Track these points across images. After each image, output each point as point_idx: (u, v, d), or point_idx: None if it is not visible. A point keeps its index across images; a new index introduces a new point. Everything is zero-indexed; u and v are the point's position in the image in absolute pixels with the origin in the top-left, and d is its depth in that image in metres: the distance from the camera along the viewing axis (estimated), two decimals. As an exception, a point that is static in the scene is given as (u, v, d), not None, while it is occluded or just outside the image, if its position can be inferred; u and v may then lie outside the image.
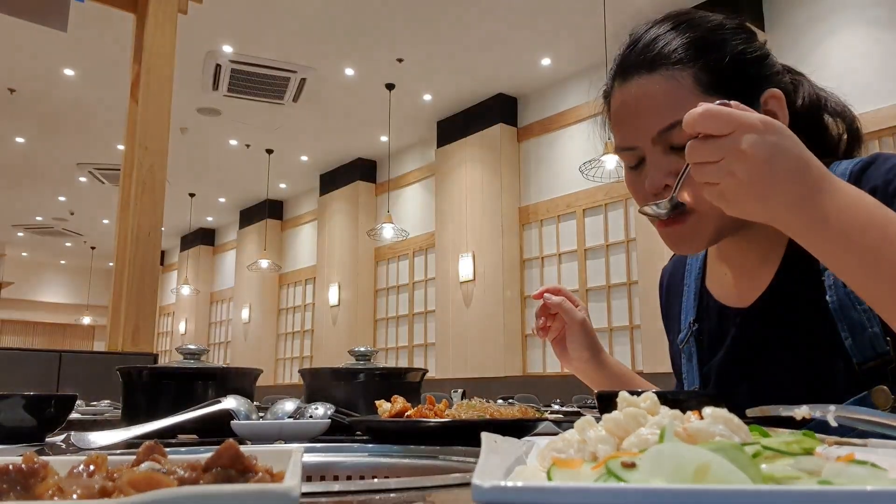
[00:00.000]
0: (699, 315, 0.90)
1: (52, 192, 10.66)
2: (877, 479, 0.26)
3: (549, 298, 1.01)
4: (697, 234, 0.76)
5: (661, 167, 0.75)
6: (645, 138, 0.76)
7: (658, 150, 0.76)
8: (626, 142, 0.79)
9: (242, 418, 0.81)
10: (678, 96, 0.74)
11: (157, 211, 3.32)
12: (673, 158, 0.75)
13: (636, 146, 0.78)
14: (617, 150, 0.81)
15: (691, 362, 0.90)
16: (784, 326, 0.79)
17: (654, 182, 0.76)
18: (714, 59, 0.75)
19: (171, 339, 13.26)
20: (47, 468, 0.29)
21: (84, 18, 5.28)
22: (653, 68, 0.76)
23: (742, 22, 0.81)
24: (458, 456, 0.66)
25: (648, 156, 0.77)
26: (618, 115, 0.80)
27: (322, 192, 9.64)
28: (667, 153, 0.75)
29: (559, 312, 1.01)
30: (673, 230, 0.76)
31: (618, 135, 0.80)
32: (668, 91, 0.75)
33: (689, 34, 0.77)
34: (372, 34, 6.12)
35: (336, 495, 0.39)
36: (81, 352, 3.75)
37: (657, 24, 0.79)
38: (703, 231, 0.76)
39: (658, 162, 0.76)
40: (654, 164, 0.76)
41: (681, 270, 0.97)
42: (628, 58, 0.79)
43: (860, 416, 0.42)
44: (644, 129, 0.76)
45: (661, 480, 0.25)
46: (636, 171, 0.80)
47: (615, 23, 5.68)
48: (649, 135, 0.76)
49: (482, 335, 6.91)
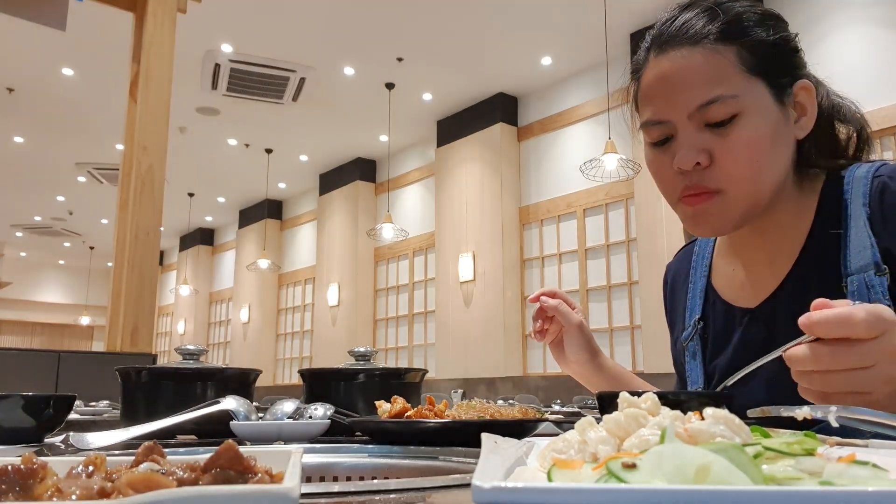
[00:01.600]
0: (704, 313, 0.90)
1: (51, 192, 10.65)
2: (878, 479, 0.26)
3: (546, 302, 1.00)
4: (723, 214, 0.75)
5: (693, 144, 0.74)
6: (681, 112, 0.75)
7: (692, 127, 0.74)
8: (659, 115, 0.77)
9: (242, 419, 0.81)
10: (721, 72, 0.73)
11: (156, 211, 3.32)
12: (706, 136, 0.74)
13: (669, 120, 0.76)
14: (645, 125, 0.79)
15: (695, 360, 0.90)
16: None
17: (686, 158, 0.74)
18: (758, 40, 0.75)
19: (171, 339, 13.25)
20: (46, 469, 0.29)
21: (83, 18, 5.28)
22: (695, 42, 0.75)
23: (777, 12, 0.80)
24: (458, 457, 0.66)
25: (681, 131, 0.75)
26: (652, 87, 0.78)
27: (322, 192, 9.64)
28: (700, 130, 0.74)
29: (556, 316, 1.01)
30: (699, 208, 0.75)
31: (649, 108, 0.78)
32: (712, 65, 0.73)
33: (730, 14, 0.76)
34: (372, 34, 6.12)
35: (336, 496, 0.39)
36: (80, 352, 3.74)
37: (693, 5, 0.78)
38: (728, 212, 0.75)
39: (691, 138, 0.74)
40: (687, 141, 0.75)
41: (685, 268, 0.97)
42: (666, 31, 0.77)
43: (861, 416, 0.42)
44: (682, 102, 0.74)
45: (662, 481, 0.25)
46: (661, 148, 0.78)
47: (615, 23, 5.68)
48: (686, 109, 0.74)
49: (482, 335, 6.92)
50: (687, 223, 0.78)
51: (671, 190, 0.79)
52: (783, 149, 0.77)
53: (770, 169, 0.76)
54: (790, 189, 0.81)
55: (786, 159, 0.78)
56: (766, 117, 0.74)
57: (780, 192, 0.79)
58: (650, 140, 0.79)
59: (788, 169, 0.79)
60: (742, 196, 0.74)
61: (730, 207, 0.75)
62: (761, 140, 0.74)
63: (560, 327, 1.02)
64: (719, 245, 0.92)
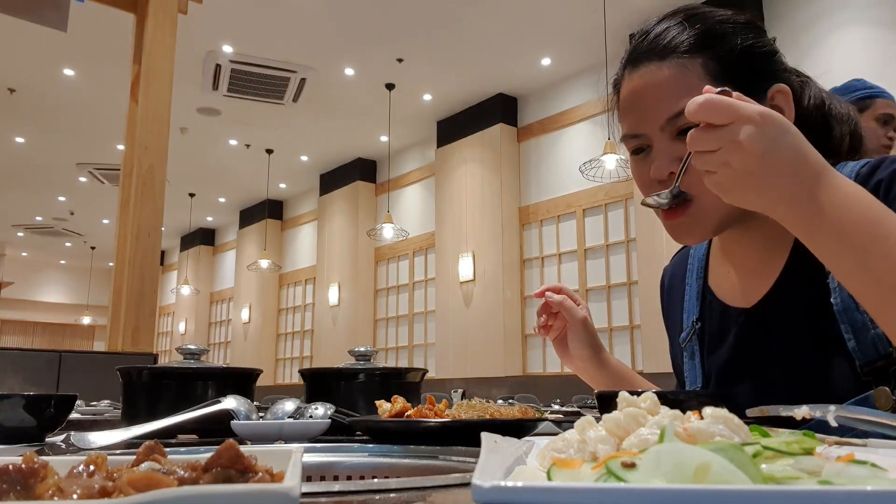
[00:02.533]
0: (702, 314, 0.90)
1: (52, 192, 10.66)
2: (877, 479, 0.26)
3: (551, 297, 1.01)
4: (700, 223, 0.77)
5: (667, 154, 0.76)
6: (653, 125, 0.77)
7: (665, 138, 0.77)
8: (634, 129, 0.80)
9: (242, 418, 0.81)
10: (686, 84, 0.75)
11: (156, 211, 3.32)
12: (679, 146, 0.76)
13: (643, 133, 0.79)
14: (624, 139, 0.82)
15: (693, 360, 0.90)
16: (787, 327, 0.78)
17: (660, 168, 0.76)
18: (723, 50, 0.77)
19: (171, 339, 13.26)
20: (47, 468, 0.29)
21: (84, 18, 5.28)
22: (663, 56, 0.77)
23: (751, 18, 0.82)
24: (458, 456, 0.66)
25: (655, 143, 0.78)
26: (627, 102, 0.81)
27: (322, 192, 9.64)
28: (673, 140, 0.76)
29: (561, 311, 1.01)
30: (676, 221, 0.77)
31: (625, 122, 0.82)
32: (677, 78, 0.76)
33: (699, 25, 0.78)
34: (372, 34, 6.12)
35: (336, 495, 0.39)
36: (81, 352, 3.75)
37: (668, 17, 0.81)
38: (705, 220, 0.76)
39: (664, 149, 0.77)
40: (661, 151, 0.77)
41: (682, 269, 0.97)
42: (639, 47, 0.80)
43: (860, 416, 0.42)
44: (652, 116, 0.77)
45: (661, 480, 0.25)
46: (641, 159, 0.80)
47: (615, 23, 5.68)
48: (657, 122, 0.77)
49: (482, 335, 6.91)
50: (670, 234, 0.80)
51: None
52: None
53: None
54: None
55: None
56: None
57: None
58: (631, 150, 0.82)
59: None
60: (716, 204, 0.73)
61: (705, 215, 0.76)
62: None
63: (564, 323, 1.02)
64: (714, 246, 0.93)
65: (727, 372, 0.85)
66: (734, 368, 0.84)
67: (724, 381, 0.85)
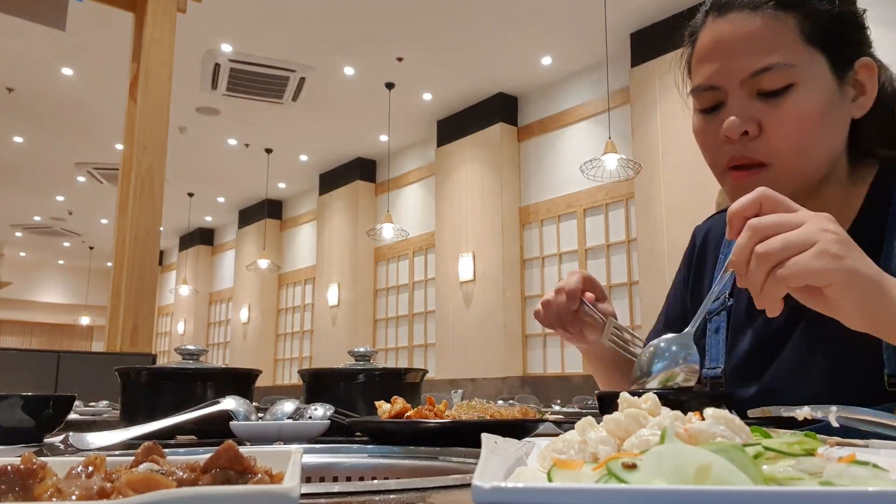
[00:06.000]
0: (733, 291, 0.86)
1: (51, 192, 10.65)
2: (878, 479, 0.26)
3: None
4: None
5: (743, 112, 0.72)
6: (734, 78, 0.72)
7: (743, 94, 0.72)
8: (711, 80, 0.74)
9: (241, 419, 0.81)
10: (779, 39, 0.71)
11: (155, 211, 3.32)
12: (757, 105, 0.71)
13: (720, 86, 0.74)
14: (695, 91, 0.76)
15: (718, 335, 0.85)
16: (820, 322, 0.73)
17: (734, 125, 0.71)
18: (817, 11, 0.72)
19: (170, 339, 13.25)
20: (46, 469, 0.29)
21: (83, 17, 5.28)
22: (755, 7, 0.72)
23: None
24: (458, 457, 0.66)
25: (731, 98, 0.73)
26: (707, 50, 0.75)
27: (321, 192, 9.64)
28: (751, 99, 0.72)
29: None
30: (745, 180, 0.72)
31: (701, 73, 0.76)
32: (770, 31, 0.71)
33: None
34: (372, 33, 6.12)
35: (336, 496, 0.39)
36: (80, 352, 3.74)
37: None
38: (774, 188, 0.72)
39: (741, 105, 0.72)
40: (737, 108, 0.72)
41: (719, 234, 0.92)
42: None
43: (862, 416, 0.42)
44: (735, 68, 0.72)
45: (662, 481, 0.25)
46: (710, 115, 0.76)
47: (615, 22, 5.68)
48: (740, 75, 0.72)
49: (482, 335, 6.92)
50: (731, 196, 0.75)
51: (717, 159, 0.76)
52: (836, 126, 0.74)
53: (820, 146, 0.72)
54: (841, 174, 0.77)
55: (838, 138, 0.75)
56: (821, 91, 0.71)
57: (829, 174, 0.75)
58: (699, 106, 0.77)
59: (841, 151, 0.76)
60: (789, 172, 0.71)
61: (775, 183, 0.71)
62: (814, 114, 0.71)
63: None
64: None
65: (749, 358, 0.80)
66: (757, 356, 0.80)
67: (745, 368, 0.80)
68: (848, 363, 0.71)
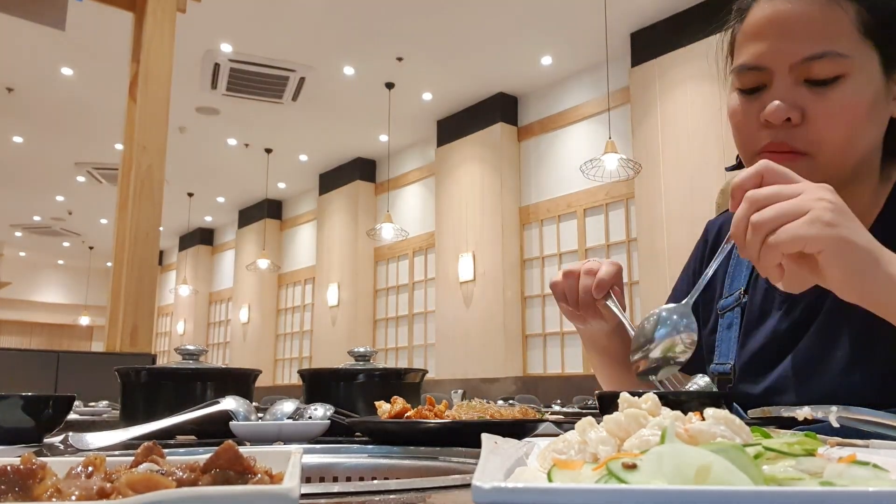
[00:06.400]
0: (748, 286, 0.84)
1: (50, 192, 10.65)
2: (879, 480, 0.26)
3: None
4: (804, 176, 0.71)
5: (788, 97, 0.69)
6: (783, 61, 0.69)
7: (791, 79, 0.70)
8: (758, 60, 0.71)
9: (241, 419, 0.81)
10: (836, 27, 0.68)
11: (155, 211, 3.32)
12: (803, 92, 0.69)
13: (767, 67, 0.71)
14: (739, 69, 0.73)
15: (731, 331, 0.84)
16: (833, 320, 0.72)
17: (778, 112, 0.69)
18: (882, 3, 0.70)
19: (170, 339, 13.25)
20: (45, 469, 0.29)
21: (82, 17, 5.27)
22: None
23: None
24: (458, 457, 0.66)
25: (777, 81, 0.70)
26: (758, 28, 0.72)
27: (321, 192, 9.64)
28: (798, 84, 0.69)
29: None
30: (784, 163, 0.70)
31: (748, 51, 0.72)
32: (828, 18, 0.68)
33: None
34: (372, 33, 6.12)
35: (335, 496, 0.39)
36: (79, 352, 3.74)
37: None
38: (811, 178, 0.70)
39: (787, 91, 0.69)
40: (782, 92, 0.69)
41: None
42: None
43: (862, 416, 0.42)
44: (788, 51, 0.69)
45: (663, 481, 0.25)
46: (751, 96, 0.73)
47: (615, 22, 5.68)
48: (791, 59, 0.69)
49: (482, 335, 6.91)
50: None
51: (751, 143, 0.74)
52: (877, 123, 0.72)
53: (861, 140, 0.71)
54: (871, 173, 0.76)
55: (877, 135, 0.73)
56: (869, 86, 0.70)
57: (861, 170, 0.74)
58: (741, 86, 0.74)
59: (876, 148, 0.75)
60: (828, 164, 0.69)
61: (811, 174, 0.69)
62: (860, 108, 0.69)
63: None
64: None
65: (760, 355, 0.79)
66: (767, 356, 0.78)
67: (756, 364, 0.79)
68: (863, 363, 0.70)
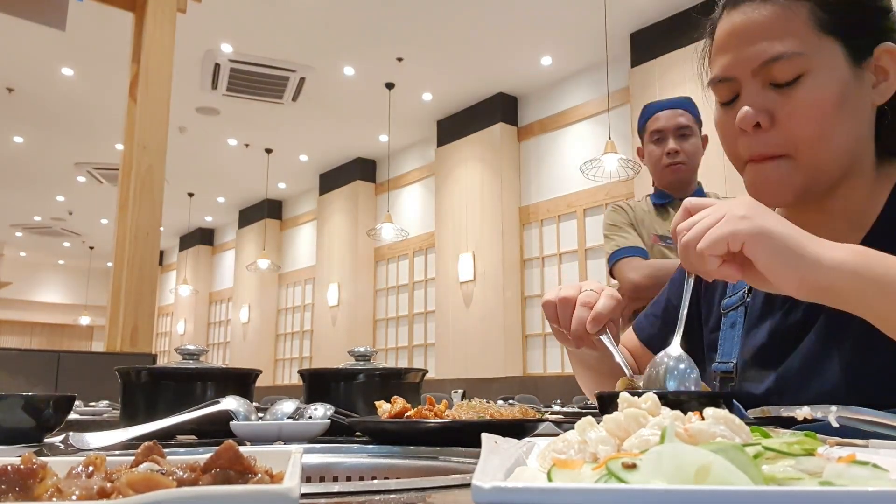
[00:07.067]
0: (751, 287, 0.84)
1: (51, 192, 10.65)
2: (878, 480, 0.26)
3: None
4: (785, 180, 0.72)
5: (755, 101, 0.72)
6: (745, 68, 0.72)
7: (756, 83, 0.72)
8: (726, 72, 0.75)
9: (241, 419, 0.81)
10: (790, 28, 0.71)
11: (155, 211, 3.32)
12: (770, 95, 0.71)
13: (734, 76, 0.74)
14: (713, 83, 0.77)
15: (734, 331, 0.84)
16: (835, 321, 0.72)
17: (746, 116, 0.71)
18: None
19: (170, 339, 13.25)
20: (46, 469, 0.29)
21: (82, 17, 5.27)
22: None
23: None
24: (458, 457, 0.66)
25: (744, 88, 0.73)
26: (721, 42, 0.76)
27: (321, 192, 9.64)
28: (764, 89, 0.72)
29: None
30: (763, 168, 0.72)
31: (717, 65, 0.76)
32: (780, 20, 0.71)
33: None
34: (372, 34, 6.12)
35: (336, 496, 0.39)
36: (80, 352, 3.74)
37: None
38: (791, 178, 0.72)
39: (754, 95, 0.72)
40: (749, 98, 0.72)
41: None
42: None
43: (862, 416, 0.42)
44: (747, 58, 0.72)
45: (662, 481, 0.25)
46: (729, 107, 0.75)
47: (615, 23, 5.68)
48: (751, 64, 0.72)
49: (482, 335, 6.91)
50: (750, 189, 0.75)
51: (736, 153, 0.76)
52: (856, 114, 0.72)
53: (839, 134, 0.71)
54: (866, 170, 0.76)
55: (859, 126, 0.73)
56: (833, 79, 0.71)
57: (853, 168, 0.74)
58: (718, 99, 0.77)
59: (865, 142, 0.75)
60: (809, 162, 0.70)
61: (795, 174, 0.71)
62: (827, 102, 0.70)
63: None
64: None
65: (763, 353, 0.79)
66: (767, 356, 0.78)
67: (758, 363, 0.79)
68: (864, 363, 0.70)
